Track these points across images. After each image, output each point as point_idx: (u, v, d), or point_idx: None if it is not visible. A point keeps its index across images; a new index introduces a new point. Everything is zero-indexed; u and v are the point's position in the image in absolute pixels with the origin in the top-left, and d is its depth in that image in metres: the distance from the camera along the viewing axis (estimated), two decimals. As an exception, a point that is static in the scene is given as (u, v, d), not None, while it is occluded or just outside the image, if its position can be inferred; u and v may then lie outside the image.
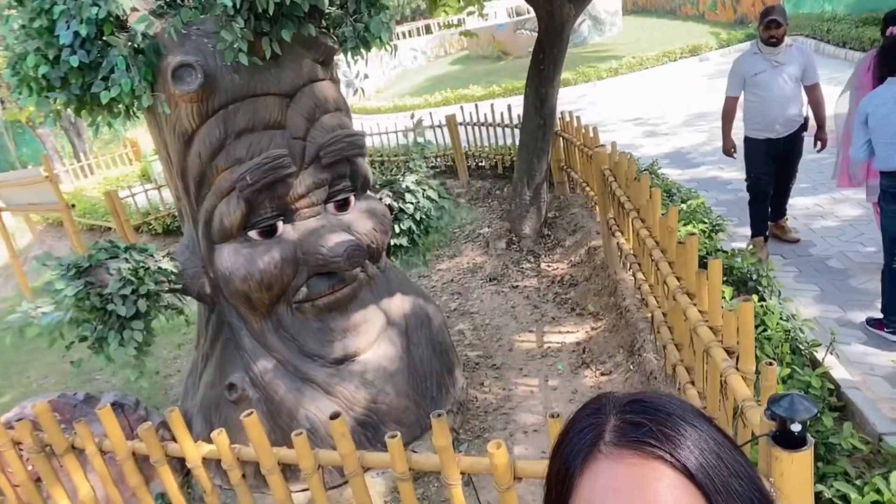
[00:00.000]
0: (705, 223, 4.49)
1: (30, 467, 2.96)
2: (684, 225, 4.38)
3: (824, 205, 5.42)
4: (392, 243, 3.84)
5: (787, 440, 1.44)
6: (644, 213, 3.34)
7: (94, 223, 10.07)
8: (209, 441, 2.28)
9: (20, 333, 2.95)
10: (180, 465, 2.92)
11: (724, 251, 4.11)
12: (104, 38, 2.74)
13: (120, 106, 2.97)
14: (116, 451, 2.47)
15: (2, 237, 8.84)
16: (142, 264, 2.91)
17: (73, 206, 8.47)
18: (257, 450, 2.08)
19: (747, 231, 4.91)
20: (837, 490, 2.09)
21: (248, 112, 2.94)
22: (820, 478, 2.21)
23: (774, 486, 1.47)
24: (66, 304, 2.78)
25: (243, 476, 2.28)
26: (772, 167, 4.63)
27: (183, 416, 3.81)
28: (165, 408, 4.93)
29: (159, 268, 3.01)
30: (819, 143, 4.59)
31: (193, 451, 2.27)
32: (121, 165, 15.13)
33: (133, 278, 2.86)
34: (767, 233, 4.80)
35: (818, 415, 2.31)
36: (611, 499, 0.56)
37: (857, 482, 2.10)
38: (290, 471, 2.40)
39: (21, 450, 2.87)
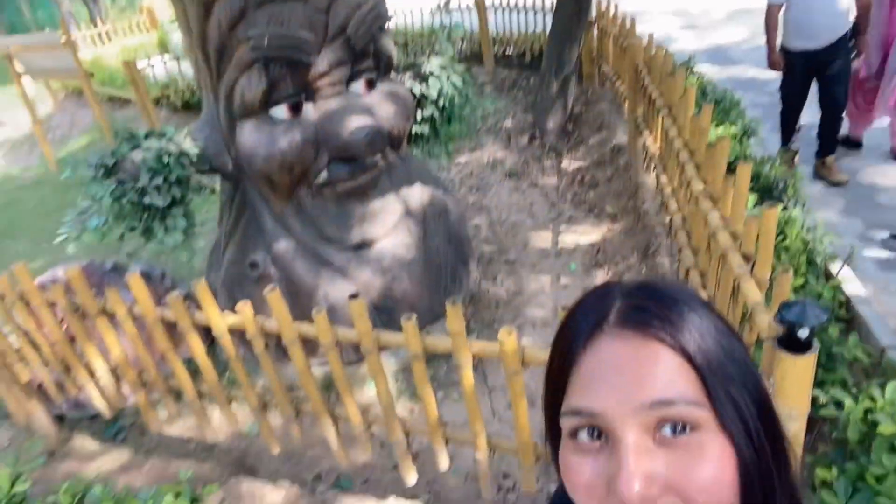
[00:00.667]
0: (737, 126, 4.33)
1: (64, 327, 3.15)
2: (716, 126, 4.23)
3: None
4: (413, 131, 3.77)
5: (793, 344, 1.48)
6: (676, 111, 3.21)
7: (114, 93, 9.93)
8: (237, 305, 2.39)
9: (78, 240, 3.05)
10: (206, 335, 3.09)
11: (752, 157, 3.99)
12: None
13: None
14: (146, 316, 2.60)
15: (25, 104, 8.79)
16: (164, 150, 2.91)
17: (93, 74, 8.34)
18: (280, 323, 2.18)
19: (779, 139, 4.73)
20: (833, 396, 2.16)
21: (269, -20, 2.77)
22: (818, 384, 2.28)
23: (774, 386, 1.53)
24: (106, 206, 2.84)
25: (266, 346, 2.41)
26: (807, 83, 4.30)
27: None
28: (190, 280, 5.15)
29: (181, 151, 3.00)
30: (855, 51, 4.20)
31: (219, 321, 2.38)
32: (138, 34, 14.65)
33: (159, 166, 2.87)
34: (797, 143, 4.57)
35: (827, 322, 2.33)
36: (610, 373, 0.58)
37: (854, 390, 2.16)
38: (308, 348, 2.52)
39: (55, 311, 3.04)
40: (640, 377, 0.56)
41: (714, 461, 0.55)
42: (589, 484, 0.57)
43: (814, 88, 4.35)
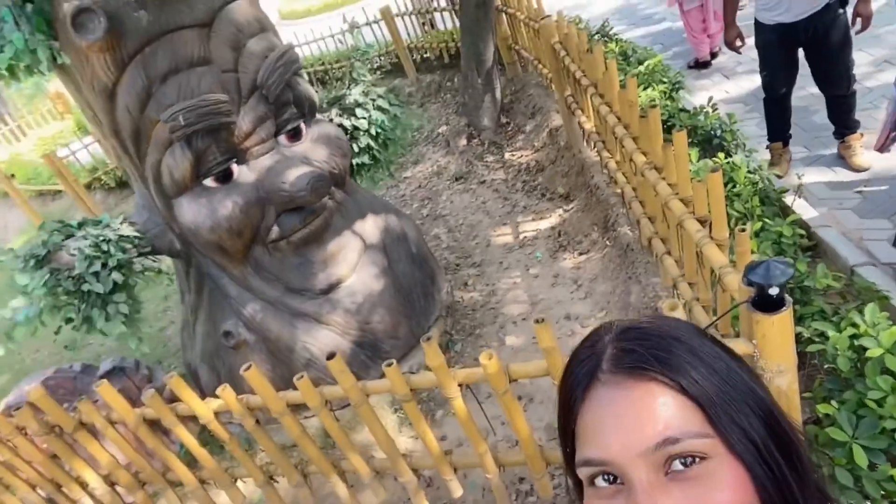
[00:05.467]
0: (665, 83, 4.41)
1: (44, 445, 3.01)
2: (644, 89, 4.30)
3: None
4: (354, 163, 3.73)
5: (766, 304, 1.49)
6: (602, 87, 3.24)
7: (42, 188, 9.61)
8: (218, 389, 2.31)
9: (9, 338, 2.90)
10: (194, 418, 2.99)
11: (685, 110, 4.06)
12: (-21, -10, 2.44)
13: (21, 65, 2.70)
14: (126, 422, 2.50)
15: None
16: (101, 237, 2.80)
17: (13, 175, 8.04)
18: (265, 399, 2.12)
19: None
20: (815, 329, 2.20)
21: (167, 52, 2.70)
22: (797, 319, 2.32)
23: (757, 347, 1.55)
24: (39, 296, 2.70)
25: (257, 422, 2.34)
26: (792, 63, 3.50)
27: (188, 368, 3.89)
28: (167, 360, 5.01)
29: (121, 236, 2.90)
30: (859, 20, 3.22)
31: (203, 409, 2.31)
32: (51, 121, 14.20)
33: (98, 253, 2.76)
34: (790, 134, 3.80)
35: (793, 276, 2.38)
36: (609, 421, 0.59)
37: (834, 319, 2.21)
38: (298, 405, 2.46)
39: (28, 435, 2.90)
40: (640, 420, 0.57)
41: (728, 486, 0.56)
42: None
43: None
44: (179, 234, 3.15)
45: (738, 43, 3.65)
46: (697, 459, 0.56)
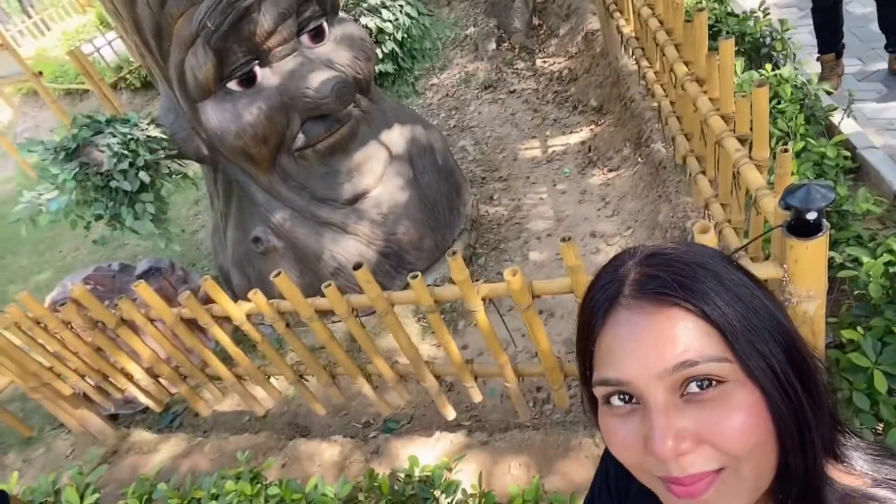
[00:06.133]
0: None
1: (89, 339, 3.19)
2: (689, -10, 3.99)
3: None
4: (377, 70, 3.61)
5: (803, 229, 1.45)
6: (646, -12, 3.02)
7: (70, 87, 9.56)
8: (249, 294, 2.39)
9: (32, 223, 2.97)
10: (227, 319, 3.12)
11: (735, 15, 3.78)
12: None
13: None
14: (164, 320, 2.63)
15: (-20, 119, 8.51)
16: (130, 136, 2.80)
17: (41, 73, 7.99)
18: (294, 304, 2.19)
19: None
20: (849, 255, 2.14)
21: (188, -59, 2.57)
22: (832, 244, 2.25)
23: (787, 272, 1.52)
24: (69, 188, 2.74)
25: (287, 325, 2.43)
26: None
27: (220, 270, 4.02)
28: (200, 262, 5.17)
29: (148, 136, 2.89)
30: None
31: (237, 311, 2.40)
32: (74, 15, 13.89)
33: (126, 151, 2.77)
34: (843, 46, 3.57)
35: (834, 202, 2.29)
36: (629, 345, 0.60)
37: (870, 245, 2.14)
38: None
39: (73, 329, 3.07)
40: (660, 344, 0.58)
41: (743, 410, 0.57)
42: (627, 443, 0.61)
43: None
44: (206, 140, 3.14)
45: None
46: (714, 382, 0.57)
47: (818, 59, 3.63)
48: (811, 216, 1.42)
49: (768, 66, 3.16)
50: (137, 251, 5.78)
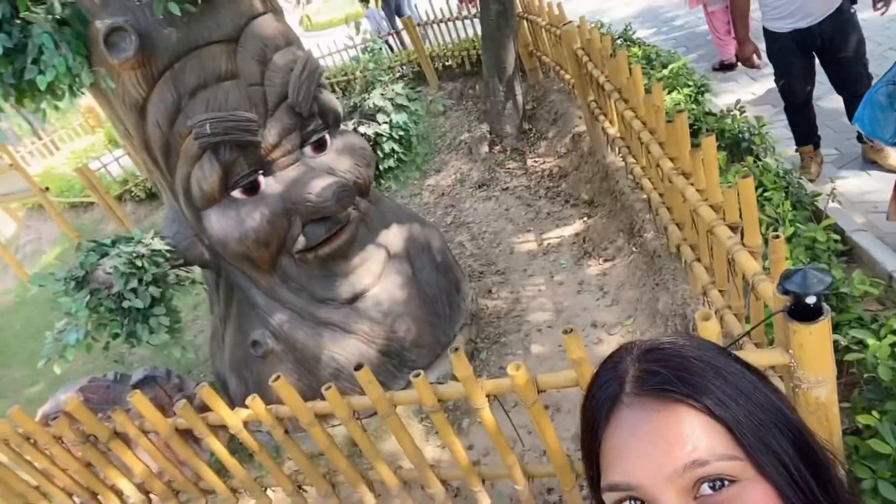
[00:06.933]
0: (690, 86, 4.35)
1: (80, 454, 3.07)
2: (668, 93, 4.25)
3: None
4: (381, 168, 3.76)
5: (803, 313, 1.45)
6: (626, 92, 3.21)
7: (75, 200, 9.86)
8: (247, 400, 2.34)
9: (63, 360, 3.00)
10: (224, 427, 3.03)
11: (712, 114, 4.00)
12: (21, 15, 2.51)
13: (62, 86, 2.79)
14: (158, 431, 2.54)
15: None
16: (135, 253, 2.87)
17: (48, 188, 8.26)
18: (294, 409, 2.14)
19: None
20: (853, 337, 2.13)
21: (195, 67, 2.75)
22: (834, 327, 2.25)
23: (794, 357, 1.51)
24: (83, 318, 2.79)
25: (286, 432, 2.36)
26: (809, 68, 3.45)
27: (217, 376, 3.94)
28: (197, 369, 5.08)
29: (153, 250, 2.96)
30: (882, 3, 3.25)
31: (233, 419, 2.33)
32: (83, 135, 14.58)
33: (133, 269, 2.83)
34: (819, 138, 3.72)
35: (832, 285, 2.32)
36: (637, 444, 0.58)
37: (873, 326, 2.14)
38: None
39: (64, 444, 2.96)
40: (667, 443, 0.56)
41: None
42: None
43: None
44: (209, 246, 3.20)
45: (756, 59, 3.65)
46: (727, 482, 0.55)
47: (797, 150, 3.80)
48: (811, 300, 1.43)
49: (750, 159, 3.30)
50: (132, 360, 5.70)
